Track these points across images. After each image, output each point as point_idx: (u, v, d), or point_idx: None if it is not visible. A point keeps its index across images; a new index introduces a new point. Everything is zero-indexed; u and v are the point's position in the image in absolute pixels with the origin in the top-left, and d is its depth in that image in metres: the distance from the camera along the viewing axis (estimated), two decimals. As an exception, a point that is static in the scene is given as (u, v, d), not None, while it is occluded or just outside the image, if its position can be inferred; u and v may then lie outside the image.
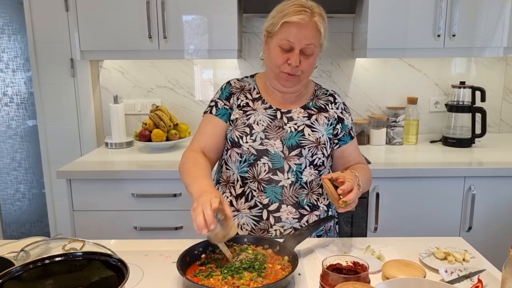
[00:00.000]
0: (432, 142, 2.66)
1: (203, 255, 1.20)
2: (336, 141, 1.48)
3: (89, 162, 2.26)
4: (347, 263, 1.04)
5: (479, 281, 1.04)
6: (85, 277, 0.96)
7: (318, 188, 1.44)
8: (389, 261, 1.16)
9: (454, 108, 2.54)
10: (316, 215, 1.42)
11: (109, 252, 1.05)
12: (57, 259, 0.96)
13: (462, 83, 2.54)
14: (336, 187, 1.24)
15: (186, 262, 1.15)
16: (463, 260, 1.21)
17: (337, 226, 1.57)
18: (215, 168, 1.57)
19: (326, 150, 1.44)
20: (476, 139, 2.53)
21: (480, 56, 2.43)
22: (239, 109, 1.44)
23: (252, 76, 1.54)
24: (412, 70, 2.71)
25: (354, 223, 2.15)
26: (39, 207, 3.04)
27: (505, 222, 2.14)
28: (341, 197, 1.22)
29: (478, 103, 2.48)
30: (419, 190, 2.12)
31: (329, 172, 1.50)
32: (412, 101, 2.62)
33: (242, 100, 1.46)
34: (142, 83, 2.72)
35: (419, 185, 2.12)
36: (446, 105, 2.62)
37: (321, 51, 1.42)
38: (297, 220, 1.39)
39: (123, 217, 2.13)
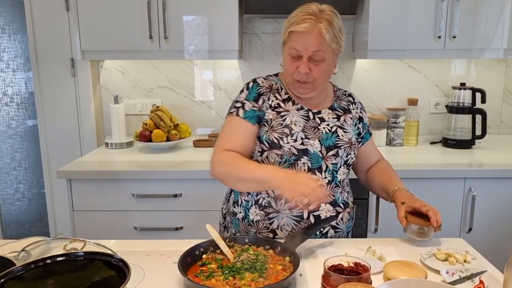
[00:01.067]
0: (432, 143, 2.66)
1: (204, 256, 1.20)
2: (360, 139, 1.55)
3: (89, 162, 2.26)
4: (348, 264, 1.04)
5: (481, 282, 1.04)
6: (86, 277, 0.96)
7: (347, 187, 1.50)
8: (390, 262, 1.16)
9: (454, 109, 2.55)
10: (348, 212, 1.47)
11: (110, 252, 1.05)
12: (58, 259, 0.96)
13: (462, 84, 2.55)
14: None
15: (187, 262, 1.15)
16: (464, 261, 1.21)
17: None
18: None
19: (356, 150, 1.50)
20: (476, 140, 2.53)
21: (480, 57, 2.43)
22: (272, 110, 1.42)
23: (276, 75, 1.52)
24: (413, 71, 2.71)
25: (354, 224, 2.15)
26: (39, 207, 3.03)
27: (505, 224, 2.14)
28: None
29: (478, 105, 2.48)
30: (419, 191, 2.10)
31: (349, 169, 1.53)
32: (413, 102, 2.63)
33: (273, 101, 1.43)
34: (142, 83, 2.72)
35: (419, 186, 2.11)
36: (446, 106, 2.62)
37: (337, 53, 1.42)
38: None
39: (123, 218, 2.13)
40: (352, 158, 1.46)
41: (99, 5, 2.26)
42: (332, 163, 1.41)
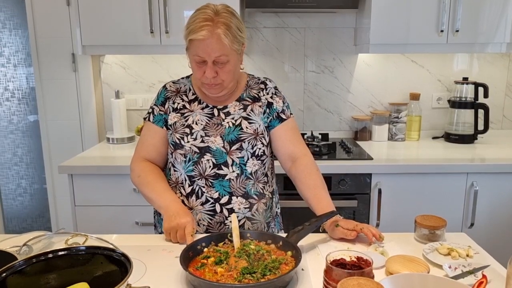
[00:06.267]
0: (434, 138, 2.66)
1: (205, 249, 1.20)
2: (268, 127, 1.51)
3: (91, 157, 2.26)
4: (351, 258, 1.04)
5: (484, 276, 1.03)
6: (88, 272, 0.95)
7: (264, 177, 1.48)
8: (393, 257, 1.16)
9: (456, 104, 2.54)
10: (263, 203, 1.47)
11: (112, 246, 1.05)
12: (60, 253, 0.95)
13: (465, 79, 2.54)
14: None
15: (189, 256, 1.15)
16: (467, 256, 1.21)
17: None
18: None
19: (265, 139, 1.47)
20: (479, 135, 2.52)
21: (483, 52, 2.42)
22: (176, 112, 1.46)
23: (188, 77, 1.55)
24: (415, 66, 2.70)
25: (355, 219, 2.15)
26: (41, 202, 3.04)
27: (507, 219, 2.14)
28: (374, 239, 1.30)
29: (481, 99, 2.47)
30: (421, 186, 2.12)
31: (271, 160, 1.54)
32: (415, 97, 2.62)
33: (178, 103, 1.48)
34: (143, 78, 2.71)
35: (421, 181, 2.11)
36: (448, 101, 2.61)
37: (241, 52, 1.40)
38: (248, 209, 1.44)
39: (124, 212, 2.13)
40: (260, 149, 1.45)
41: (100, 0, 2.25)
42: (238, 157, 1.42)
